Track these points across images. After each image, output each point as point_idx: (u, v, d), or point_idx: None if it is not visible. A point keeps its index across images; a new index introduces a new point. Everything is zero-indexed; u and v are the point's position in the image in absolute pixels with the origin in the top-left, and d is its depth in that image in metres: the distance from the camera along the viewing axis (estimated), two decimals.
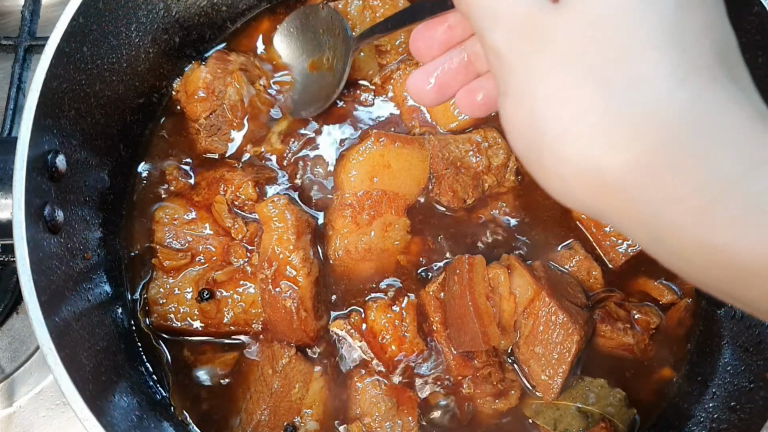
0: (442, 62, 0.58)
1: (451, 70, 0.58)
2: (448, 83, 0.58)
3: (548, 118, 0.42)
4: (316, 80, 0.92)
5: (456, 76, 0.58)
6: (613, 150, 0.40)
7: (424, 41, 0.58)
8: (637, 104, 0.39)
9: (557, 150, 0.42)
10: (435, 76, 0.58)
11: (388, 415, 0.81)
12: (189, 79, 0.91)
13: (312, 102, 0.92)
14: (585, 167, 0.41)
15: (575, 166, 0.41)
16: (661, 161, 0.39)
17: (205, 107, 0.90)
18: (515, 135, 0.46)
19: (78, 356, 0.69)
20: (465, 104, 0.58)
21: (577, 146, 0.41)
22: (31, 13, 1.09)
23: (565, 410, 0.82)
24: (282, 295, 0.81)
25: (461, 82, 0.58)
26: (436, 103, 0.60)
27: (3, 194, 0.69)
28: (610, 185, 0.41)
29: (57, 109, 0.72)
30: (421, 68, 0.59)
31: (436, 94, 0.59)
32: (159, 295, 0.85)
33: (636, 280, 0.88)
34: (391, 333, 0.84)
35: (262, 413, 0.82)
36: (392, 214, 0.87)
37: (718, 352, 0.84)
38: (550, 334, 0.79)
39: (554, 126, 0.42)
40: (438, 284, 0.85)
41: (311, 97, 0.92)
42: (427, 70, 0.58)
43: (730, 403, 0.77)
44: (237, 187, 0.88)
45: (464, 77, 0.58)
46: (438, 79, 0.58)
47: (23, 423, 0.93)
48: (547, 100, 0.42)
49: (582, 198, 0.43)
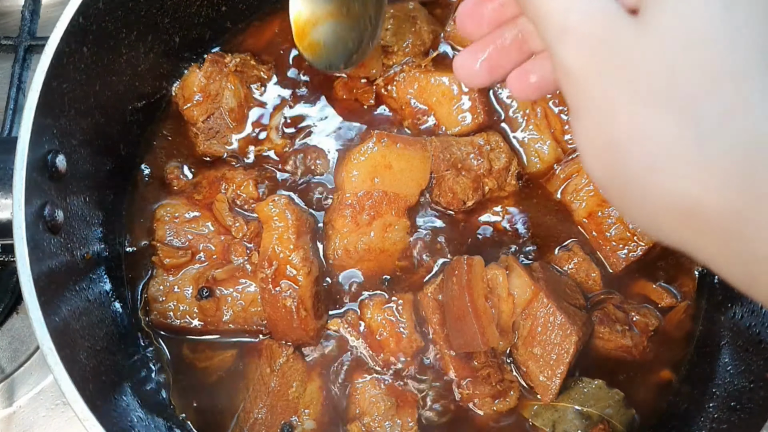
0: (492, 40, 0.53)
1: (503, 49, 0.53)
2: (500, 63, 0.53)
3: (634, 150, 0.39)
4: (345, 30, 0.86)
5: (508, 55, 0.53)
6: (712, 187, 0.37)
7: (472, 19, 0.53)
8: (735, 137, 0.36)
9: (645, 183, 0.39)
10: (486, 56, 0.53)
11: (388, 415, 0.81)
12: (186, 82, 0.91)
13: (344, 54, 0.86)
14: (678, 203, 0.38)
15: (666, 200, 0.38)
16: (765, 199, 0.36)
17: (203, 110, 0.90)
18: (592, 161, 0.42)
19: (78, 356, 0.69)
20: (517, 86, 0.53)
21: (668, 181, 0.38)
22: (31, 13, 1.09)
23: (563, 411, 0.82)
24: (282, 294, 0.81)
25: (514, 62, 0.53)
26: (487, 83, 0.55)
27: (3, 194, 0.70)
28: (705, 222, 0.38)
29: (57, 109, 0.72)
30: (469, 47, 0.54)
31: (487, 74, 0.54)
32: (159, 293, 0.85)
33: (635, 283, 0.88)
34: (389, 330, 0.84)
35: (259, 412, 0.82)
36: (392, 215, 0.87)
37: (717, 352, 0.84)
38: (549, 335, 0.79)
39: (641, 159, 0.39)
40: (436, 285, 0.85)
41: (343, 49, 0.86)
42: (475, 50, 0.54)
43: (730, 403, 0.77)
44: (238, 185, 0.89)
45: (517, 57, 0.53)
46: (489, 59, 0.53)
47: (23, 423, 0.93)
48: (632, 130, 0.39)
49: (670, 232, 0.40)
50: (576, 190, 0.90)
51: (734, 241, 0.37)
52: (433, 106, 0.92)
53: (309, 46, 0.87)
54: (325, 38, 0.86)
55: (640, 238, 0.86)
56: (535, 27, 0.43)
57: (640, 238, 0.86)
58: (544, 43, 0.43)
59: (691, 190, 0.37)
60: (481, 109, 0.91)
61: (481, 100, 0.91)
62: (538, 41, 0.52)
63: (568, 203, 0.90)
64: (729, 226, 0.37)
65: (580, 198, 0.89)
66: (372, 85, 0.94)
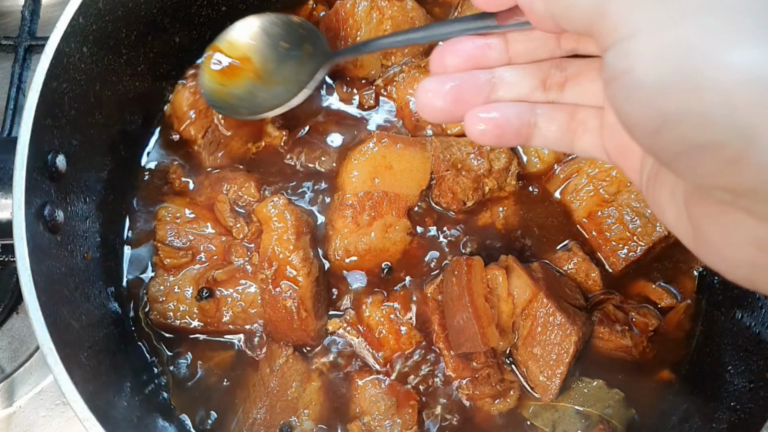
0: (465, 76, 0.52)
1: (473, 87, 0.51)
2: (465, 99, 0.51)
3: (706, 40, 0.37)
4: (273, 83, 0.82)
5: (477, 94, 0.52)
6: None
7: (452, 52, 0.52)
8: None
9: (721, 59, 0.36)
10: (451, 88, 0.51)
11: (388, 414, 0.81)
12: (175, 103, 0.91)
13: (263, 103, 0.81)
14: (757, 74, 0.35)
15: (745, 72, 0.35)
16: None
17: (199, 127, 0.90)
18: (651, 69, 0.39)
19: (78, 356, 0.69)
20: (475, 125, 0.52)
21: (746, 53, 0.35)
22: (31, 13, 1.09)
23: (563, 412, 0.82)
24: (282, 295, 0.81)
25: (479, 101, 0.52)
26: (445, 120, 0.53)
27: (3, 194, 0.69)
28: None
29: (57, 109, 0.72)
30: (436, 76, 0.52)
31: (450, 107, 0.52)
32: (159, 293, 0.85)
33: (635, 283, 0.88)
34: (387, 327, 0.84)
35: (258, 412, 0.82)
36: (393, 216, 0.87)
37: (717, 352, 0.84)
38: (548, 335, 0.79)
39: (716, 41, 0.36)
40: (436, 285, 0.85)
41: (263, 99, 0.81)
42: (443, 80, 0.51)
43: (730, 403, 0.77)
44: (240, 186, 0.89)
45: (485, 97, 0.52)
46: (454, 92, 0.51)
47: (23, 423, 0.93)
48: (702, 28, 0.37)
49: (741, 110, 0.36)
50: (576, 190, 0.90)
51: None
52: None
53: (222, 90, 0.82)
54: (244, 90, 0.82)
55: (639, 238, 0.86)
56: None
57: (639, 238, 0.86)
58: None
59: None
60: None
61: None
62: (510, 88, 0.52)
63: (567, 203, 0.90)
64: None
65: (579, 198, 0.89)
66: (371, 86, 0.94)
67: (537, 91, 0.54)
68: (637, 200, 0.87)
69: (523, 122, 0.53)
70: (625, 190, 0.88)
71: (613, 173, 0.88)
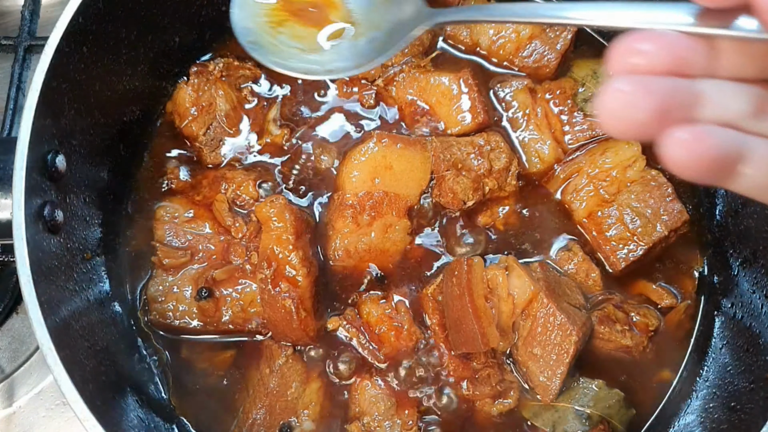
0: (669, 83, 0.40)
1: (680, 99, 0.40)
2: (670, 114, 0.40)
3: None
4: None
5: (683, 109, 0.40)
6: None
7: (658, 46, 0.41)
8: None
9: None
10: (660, 96, 0.39)
11: (388, 414, 0.81)
12: (177, 100, 0.91)
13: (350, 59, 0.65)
14: None
15: None
16: None
17: (200, 124, 0.90)
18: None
19: (78, 356, 0.69)
20: (679, 150, 0.40)
21: None
22: (31, 13, 1.09)
23: (563, 412, 0.82)
24: (282, 294, 0.81)
25: (681, 119, 0.40)
26: (636, 137, 0.41)
27: (3, 194, 0.69)
28: None
29: (57, 109, 0.72)
30: (631, 77, 0.40)
31: (652, 122, 0.40)
32: (158, 293, 0.85)
33: (635, 283, 0.88)
34: (387, 324, 0.84)
35: (257, 412, 0.82)
36: (393, 216, 0.87)
37: (717, 352, 0.84)
38: (548, 335, 0.79)
39: None
40: (436, 286, 0.85)
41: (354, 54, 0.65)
42: (645, 84, 0.39)
43: (730, 403, 0.77)
44: (238, 185, 0.89)
45: (687, 116, 0.41)
46: (661, 102, 0.39)
47: (23, 423, 0.93)
48: None
49: None
50: (576, 190, 0.90)
51: None
52: (433, 106, 0.92)
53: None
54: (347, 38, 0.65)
55: (640, 238, 0.86)
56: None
57: (640, 238, 0.86)
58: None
59: None
60: (481, 109, 0.91)
61: (481, 100, 0.91)
62: (716, 106, 0.41)
63: (568, 203, 0.90)
64: None
65: (580, 198, 0.89)
66: (372, 86, 0.94)
67: (749, 118, 0.43)
68: (638, 200, 0.87)
69: (732, 156, 0.41)
70: (626, 190, 0.88)
71: (613, 173, 0.88)
